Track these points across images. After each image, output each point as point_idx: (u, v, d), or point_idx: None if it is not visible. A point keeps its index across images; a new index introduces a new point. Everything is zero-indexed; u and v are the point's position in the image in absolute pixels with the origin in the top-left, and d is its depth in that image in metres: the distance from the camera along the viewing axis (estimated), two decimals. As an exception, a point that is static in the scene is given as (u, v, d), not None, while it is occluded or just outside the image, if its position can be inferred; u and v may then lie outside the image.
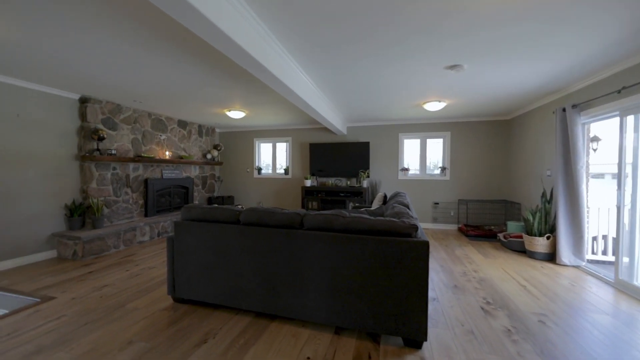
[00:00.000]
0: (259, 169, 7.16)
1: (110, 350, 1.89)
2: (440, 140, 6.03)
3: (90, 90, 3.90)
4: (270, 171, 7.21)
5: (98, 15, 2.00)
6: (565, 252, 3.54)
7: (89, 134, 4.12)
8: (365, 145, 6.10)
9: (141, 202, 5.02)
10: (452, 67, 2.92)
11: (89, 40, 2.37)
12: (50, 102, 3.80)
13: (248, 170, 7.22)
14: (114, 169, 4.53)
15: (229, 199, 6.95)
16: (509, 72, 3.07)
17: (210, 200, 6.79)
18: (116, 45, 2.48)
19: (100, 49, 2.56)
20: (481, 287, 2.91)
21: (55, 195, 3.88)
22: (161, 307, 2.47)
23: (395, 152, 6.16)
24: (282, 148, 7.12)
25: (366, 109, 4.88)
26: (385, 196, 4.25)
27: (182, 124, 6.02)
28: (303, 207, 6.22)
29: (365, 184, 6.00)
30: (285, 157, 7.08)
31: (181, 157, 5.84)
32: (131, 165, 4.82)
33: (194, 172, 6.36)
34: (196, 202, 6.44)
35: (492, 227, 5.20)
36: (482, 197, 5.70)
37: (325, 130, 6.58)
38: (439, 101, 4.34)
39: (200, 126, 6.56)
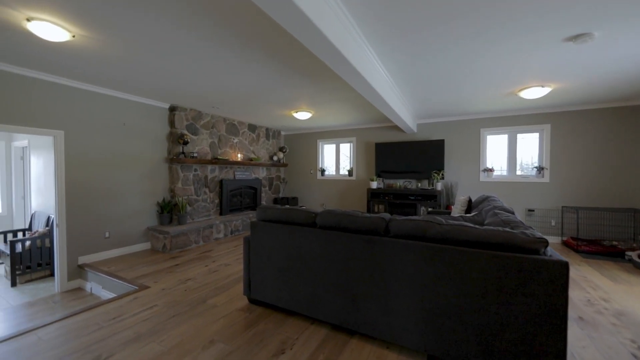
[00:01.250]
0: (323, 171, 7.10)
1: (195, 348, 1.91)
2: (535, 135, 5.04)
3: (177, 100, 4.31)
4: (333, 172, 7.09)
5: (188, 33, 2.09)
6: None
7: (175, 138, 4.56)
8: (439, 144, 5.49)
9: (217, 201, 5.38)
10: (576, 37, 2.29)
11: (176, 53, 2.53)
12: (147, 112, 4.31)
13: (312, 171, 7.23)
14: (195, 170, 4.94)
15: (293, 200, 7.05)
16: (662, 37, 2.28)
17: (275, 201, 6.98)
18: (200, 53, 2.60)
19: (186, 58, 2.72)
20: (622, 325, 2.20)
21: (150, 193, 4.38)
22: (238, 307, 2.48)
23: (476, 151, 5.39)
24: (345, 149, 6.93)
25: (444, 101, 4.34)
26: (470, 200, 3.67)
27: (252, 127, 6.32)
28: (368, 210, 5.90)
29: (439, 186, 5.38)
30: (349, 158, 6.87)
31: (251, 159, 6.12)
32: (209, 167, 5.21)
33: (261, 173, 6.62)
34: (263, 202, 6.69)
35: (617, 243, 4.08)
36: (598, 204, 4.55)
37: (393, 128, 6.16)
38: (542, 86, 3.57)
39: (267, 129, 6.82)
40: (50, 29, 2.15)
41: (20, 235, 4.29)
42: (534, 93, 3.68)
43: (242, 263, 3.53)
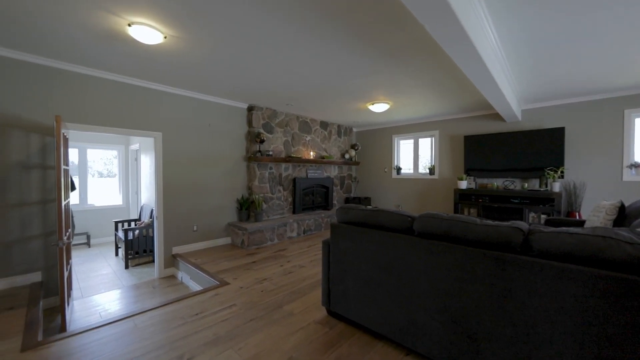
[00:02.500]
0: (398, 169, 6.47)
1: (273, 364, 1.69)
2: None
3: (255, 99, 4.38)
4: (410, 171, 6.39)
5: (268, 14, 1.91)
6: None
7: (253, 137, 4.67)
8: (557, 133, 4.30)
9: (290, 199, 5.36)
10: None
11: (256, 41, 2.42)
12: (228, 113, 4.51)
13: (386, 169, 6.67)
14: (270, 168, 4.99)
15: (366, 200, 6.62)
16: None
17: (347, 201, 6.67)
18: (279, 38, 2.44)
19: (265, 47, 2.61)
20: None
21: (230, 190, 4.58)
22: (316, 319, 2.21)
23: (616, 140, 4.02)
24: (425, 144, 6.16)
25: (571, 74, 3.30)
26: (622, 207, 2.64)
27: (324, 125, 6.14)
28: (454, 213, 5.05)
29: (556, 187, 4.21)
30: (429, 154, 6.08)
31: (323, 157, 5.95)
32: (283, 165, 5.21)
33: (333, 172, 6.40)
34: (334, 202, 6.46)
35: None
36: None
37: (486, 117, 5.15)
38: None
39: (339, 126, 6.57)
40: (147, 32, 2.26)
41: (132, 225, 5.02)
42: None
43: (321, 268, 3.30)
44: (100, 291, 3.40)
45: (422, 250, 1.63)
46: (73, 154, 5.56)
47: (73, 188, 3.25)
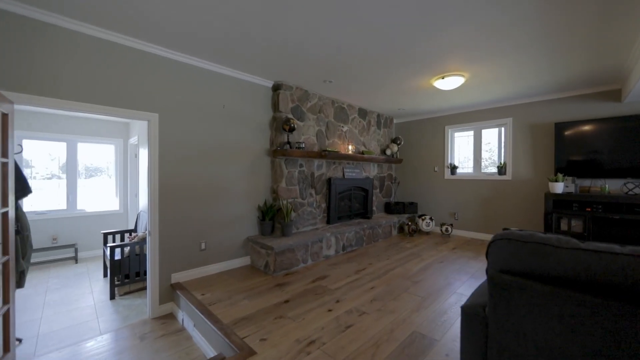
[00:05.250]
0: (453, 167, 5.20)
1: None
2: None
3: (283, 74, 3.26)
4: (470, 170, 5.12)
5: None
6: None
7: (280, 124, 3.54)
8: None
9: (324, 205, 4.20)
10: None
11: None
12: (249, 91, 3.40)
13: (436, 169, 5.42)
14: (301, 166, 3.85)
15: (411, 206, 5.38)
16: None
17: (388, 207, 5.45)
18: None
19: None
20: None
21: (250, 194, 3.46)
22: None
23: None
24: (491, 135, 4.88)
25: None
26: None
27: (362, 113, 4.96)
28: (547, 227, 3.76)
29: None
30: (498, 149, 4.80)
31: (362, 153, 4.76)
32: (315, 162, 4.06)
33: (372, 171, 5.20)
34: (374, 207, 5.26)
35: None
36: None
37: (586, 98, 3.84)
38: None
39: (379, 115, 5.37)
40: None
41: (126, 237, 3.98)
42: None
43: (395, 317, 2.09)
44: (63, 344, 2.32)
45: None
46: (60, 149, 4.59)
47: (25, 190, 2.20)
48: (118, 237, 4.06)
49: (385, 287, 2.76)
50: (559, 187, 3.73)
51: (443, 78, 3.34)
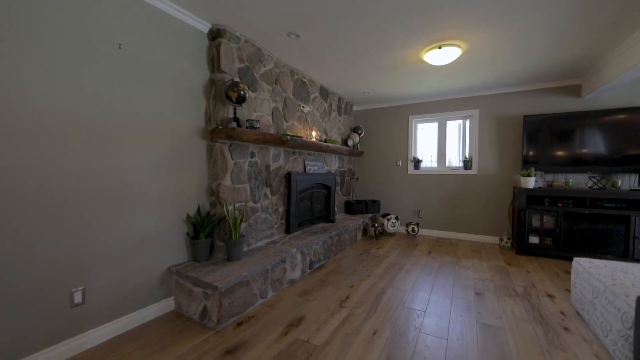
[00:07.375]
0: (417, 161, 4.78)
1: None
2: None
3: (227, 11, 2.08)
4: (434, 164, 4.77)
5: None
6: None
7: (221, 91, 2.33)
8: (668, 111, 3.11)
9: (281, 209, 3.14)
10: None
11: None
12: (169, 34, 2.08)
13: (399, 163, 4.92)
14: (252, 155, 2.71)
15: (374, 205, 4.77)
16: None
17: (349, 206, 4.71)
18: None
19: None
20: None
21: (172, 199, 2.16)
22: None
23: None
24: (457, 128, 4.60)
25: None
26: None
27: (324, 93, 4.05)
28: (519, 223, 3.57)
29: (673, 186, 3.01)
30: (460, 143, 4.54)
31: (326, 142, 3.85)
32: (271, 151, 2.97)
33: (334, 165, 4.36)
34: (336, 208, 4.44)
35: None
36: None
37: (551, 92, 3.80)
38: None
39: (340, 99, 4.54)
40: None
41: None
42: None
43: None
44: None
45: None
46: None
47: None
48: None
49: (391, 328, 1.94)
50: (530, 182, 3.56)
51: (440, 47, 2.68)
